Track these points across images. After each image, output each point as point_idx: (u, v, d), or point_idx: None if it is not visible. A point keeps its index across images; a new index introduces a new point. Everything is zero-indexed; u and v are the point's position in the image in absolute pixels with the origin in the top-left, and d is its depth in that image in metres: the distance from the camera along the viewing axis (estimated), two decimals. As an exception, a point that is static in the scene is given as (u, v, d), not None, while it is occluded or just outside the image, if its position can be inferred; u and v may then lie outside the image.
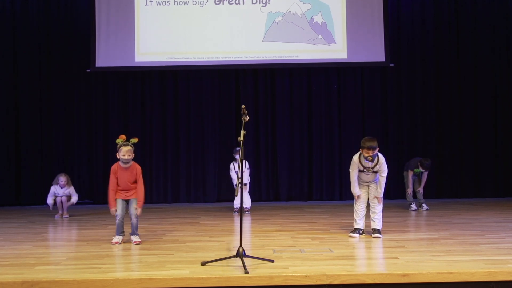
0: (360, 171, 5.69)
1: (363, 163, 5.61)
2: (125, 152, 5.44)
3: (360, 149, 5.58)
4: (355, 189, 5.72)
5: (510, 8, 9.77)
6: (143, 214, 6.34)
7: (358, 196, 5.73)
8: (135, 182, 5.55)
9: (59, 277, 4.12)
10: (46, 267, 4.51)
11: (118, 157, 5.50)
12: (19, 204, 9.31)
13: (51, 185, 7.89)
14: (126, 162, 5.48)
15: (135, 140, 5.55)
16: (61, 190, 7.74)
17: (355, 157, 5.67)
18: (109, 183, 5.54)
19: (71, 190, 7.81)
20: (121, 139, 5.51)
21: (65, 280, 4.03)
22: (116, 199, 5.54)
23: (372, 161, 5.54)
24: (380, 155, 5.61)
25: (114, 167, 5.54)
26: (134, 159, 5.61)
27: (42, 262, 4.70)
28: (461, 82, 9.74)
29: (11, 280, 4.02)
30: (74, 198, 7.78)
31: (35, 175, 9.36)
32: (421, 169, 8.06)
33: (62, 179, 7.76)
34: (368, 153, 5.48)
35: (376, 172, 5.64)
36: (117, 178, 5.51)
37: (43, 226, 6.94)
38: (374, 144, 5.47)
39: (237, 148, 7.98)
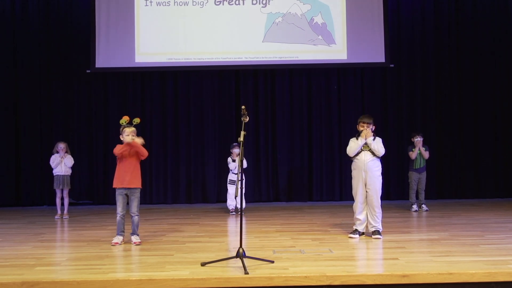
0: (356, 155, 5.77)
1: (360, 141, 5.77)
2: (129, 133, 5.49)
3: (357, 126, 5.87)
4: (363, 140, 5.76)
5: (510, 8, 9.77)
6: (142, 215, 6.36)
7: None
8: (136, 164, 5.55)
9: (59, 277, 4.12)
10: (46, 267, 4.51)
11: (121, 138, 5.54)
12: (19, 205, 9.30)
13: (51, 186, 7.93)
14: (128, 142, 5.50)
15: (137, 120, 5.59)
16: (59, 159, 7.78)
17: (353, 138, 5.90)
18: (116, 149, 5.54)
19: (69, 157, 7.87)
20: (124, 120, 5.54)
21: (65, 280, 4.03)
22: (115, 191, 5.55)
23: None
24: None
25: (118, 146, 5.59)
26: None
27: (42, 262, 4.70)
28: (461, 82, 9.74)
29: (11, 280, 4.02)
30: (70, 160, 7.84)
31: (35, 176, 9.36)
32: (416, 139, 8.07)
33: (62, 146, 7.83)
34: (363, 126, 5.76)
35: (372, 152, 5.72)
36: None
37: (43, 227, 6.94)
38: (371, 120, 5.84)
39: (234, 144, 8.03)
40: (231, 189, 7.93)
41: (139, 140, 5.55)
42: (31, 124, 9.44)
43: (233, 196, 7.71)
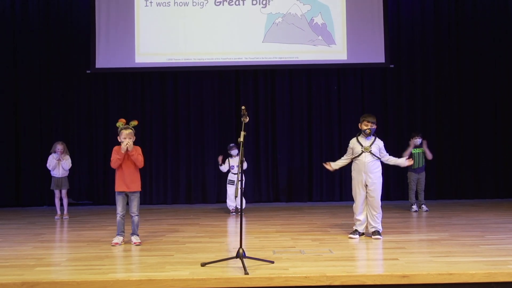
0: (356, 156, 5.76)
1: (361, 141, 5.75)
2: (126, 135, 5.49)
3: (360, 124, 5.81)
4: (337, 164, 5.99)
5: (510, 8, 9.77)
6: (143, 216, 6.37)
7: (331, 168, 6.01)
8: (135, 166, 5.58)
9: (59, 278, 4.12)
10: (46, 268, 4.52)
11: (119, 140, 5.56)
12: (19, 205, 9.30)
13: (50, 183, 7.94)
14: (123, 148, 5.50)
15: (135, 122, 5.63)
16: (55, 161, 7.76)
17: (353, 139, 5.87)
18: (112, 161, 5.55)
19: (67, 158, 7.83)
20: (121, 123, 5.57)
21: (65, 281, 4.03)
22: (115, 193, 5.57)
23: (370, 134, 5.70)
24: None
25: (115, 147, 5.59)
26: None
27: (42, 263, 4.70)
28: (461, 82, 9.74)
29: (11, 281, 4.02)
30: (68, 163, 7.79)
31: (35, 176, 9.35)
32: (416, 141, 8.06)
33: (59, 147, 7.80)
34: (367, 125, 5.69)
35: (373, 154, 5.71)
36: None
37: (43, 227, 6.94)
38: (374, 119, 5.77)
39: (231, 144, 8.04)
40: (230, 190, 7.93)
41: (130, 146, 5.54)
42: (31, 124, 9.43)
43: (233, 197, 7.72)
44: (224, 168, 8.05)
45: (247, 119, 4.66)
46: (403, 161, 5.97)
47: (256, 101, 9.65)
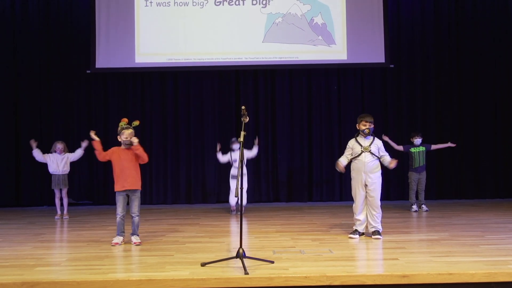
0: (356, 156, 5.76)
1: (360, 141, 5.77)
2: (127, 135, 5.56)
3: (357, 125, 5.83)
4: (342, 162, 5.88)
5: (510, 8, 9.77)
6: (143, 216, 6.37)
7: (341, 167, 5.86)
8: (135, 165, 5.61)
9: (59, 278, 4.13)
10: (46, 268, 4.52)
11: (119, 139, 5.60)
12: (19, 205, 9.30)
13: (51, 186, 7.93)
14: (128, 143, 5.56)
15: (136, 122, 5.69)
16: (59, 157, 7.78)
17: (351, 140, 5.89)
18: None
19: (69, 154, 7.89)
20: (123, 122, 5.63)
21: (65, 281, 4.03)
22: (115, 192, 5.57)
23: (369, 133, 5.72)
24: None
25: (114, 148, 5.64)
26: None
27: (42, 263, 4.70)
28: (461, 82, 9.75)
29: (11, 281, 4.02)
30: (79, 152, 7.88)
31: (35, 176, 9.35)
32: (416, 141, 8.07)
33: (60, 146, 7.82)
34: (365, 125, 5.72)
35: (372, 153, 5.71)
36: (113, 160, 5.59)
37: (43, 227, 6.94)
38: (372, 119, 5.80)
39: (233, 139, 8.02)
40: (233, 184, 7.87)
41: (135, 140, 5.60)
42: (31, 124, 9.43)
43: (234, 195, 7.70)
44: (222, 158, 7.98)
45: (247, 119, 4.66)
46: (388, 162, 5.75)
47: (256, 101, 9.65)
